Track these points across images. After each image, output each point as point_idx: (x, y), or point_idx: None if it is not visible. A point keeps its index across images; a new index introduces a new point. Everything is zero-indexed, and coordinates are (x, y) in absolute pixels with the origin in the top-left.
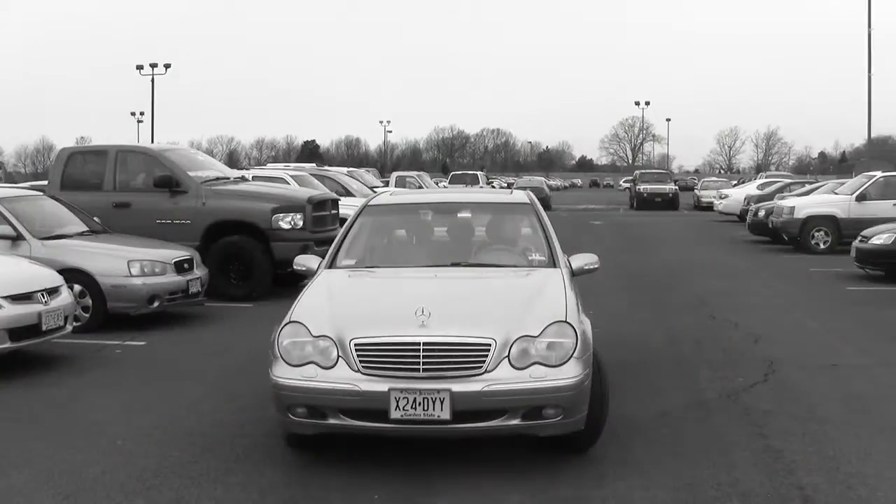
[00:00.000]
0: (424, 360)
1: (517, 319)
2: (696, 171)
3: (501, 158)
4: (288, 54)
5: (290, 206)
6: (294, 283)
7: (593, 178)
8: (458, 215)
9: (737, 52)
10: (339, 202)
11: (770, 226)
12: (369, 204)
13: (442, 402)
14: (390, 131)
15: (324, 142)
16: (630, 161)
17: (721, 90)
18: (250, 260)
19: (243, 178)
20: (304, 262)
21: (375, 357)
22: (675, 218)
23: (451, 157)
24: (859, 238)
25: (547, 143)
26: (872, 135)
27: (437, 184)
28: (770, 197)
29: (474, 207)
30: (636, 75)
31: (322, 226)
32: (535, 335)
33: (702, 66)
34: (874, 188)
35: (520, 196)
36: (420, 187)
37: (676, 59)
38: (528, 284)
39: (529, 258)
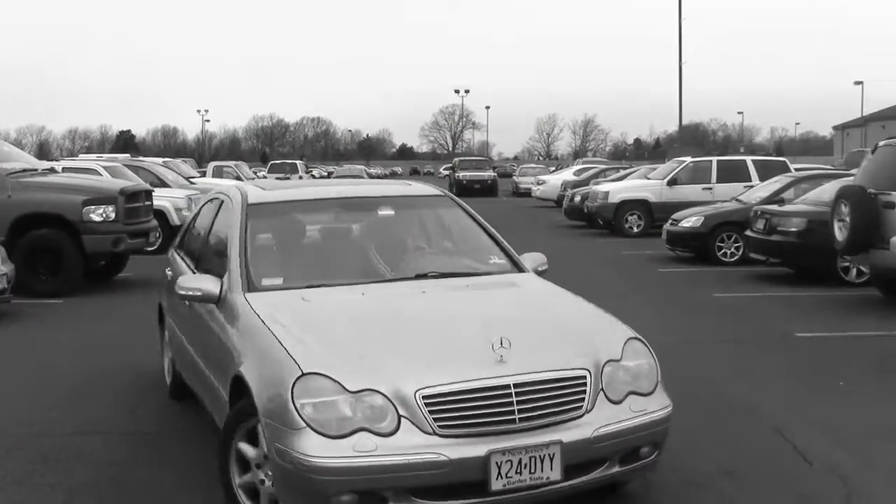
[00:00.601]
0: (518, 406)
1: (589, 340)
2: (516, 157)
3: (322, 147)
4: (104, 42)
5: (101, 198)
6: (106, 276)
7: (414, 165)
8: (379, 213)
9: (556, 40)
10: (154, 193)
11: (585, 210)
12: (251, 203)
13: (552, 459)
14: (208, 120)
15: (140, 132)
16: (450, 148)
17: (540, 78)
18: (59, 254)
19: (52, 170)
20: (193, 284)
21: (454, 411)
22: (494, 204)
23: (270, 146)
24: (670, 221)
25: (367, 131)
26: (684, 122)
27: (256, 174)
28: (586, 182)
29: (389, 203)
30: (456, 63)
31: (135, 218)
32: (618, 359)
33: (521, 54)
34: (684, 173)
35: (428, 188)
36: (238, 178)
37: (496, 47)
38: (537, 295)
39: (489, 261)
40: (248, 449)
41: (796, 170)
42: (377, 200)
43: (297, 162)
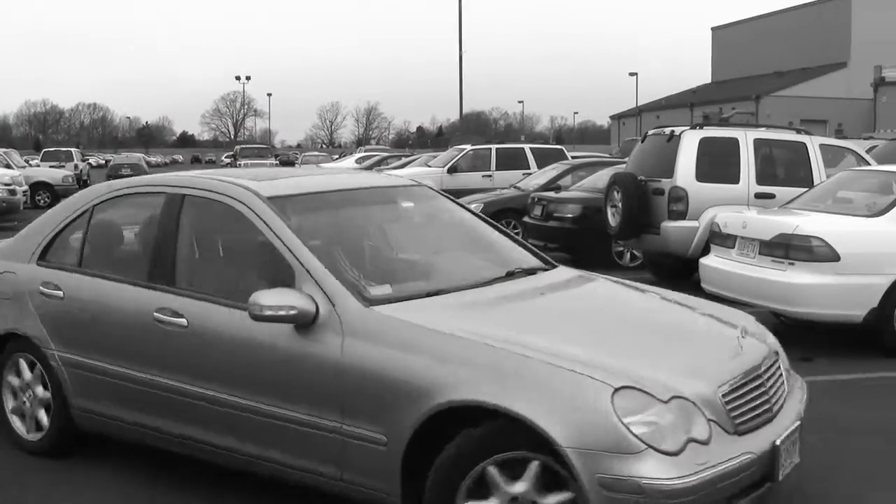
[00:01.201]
0: (771, 391)
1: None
2: (299, 145)
3: (99, 134)
4: None
5: None
6: None
7: (195, 153)
8: (402, 206)
9: (340, 28)
10: None
11: None
12: (269, 197)
13: (798, 441)
14: None
15: None
16: (232, 136)
17: (322, 65)
18: None
19: None
20: (284, 301)
21: (741, 406)
22: None
23: (44, 133)
24: None
25: (147, 118)
26: (466, 110)
27: (28, 162)
28: (369, 170)
29: (404, 194)
30: (237, 49)
31: None
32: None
33: (303, 42)
34: (464, 161)
35: (403, 178)
36: (8, 166)
37: (277, 34)
38: (634, 287)
39: (527, 256)
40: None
41: (573, 157)
42: (393, 191)
43: (73, 150)
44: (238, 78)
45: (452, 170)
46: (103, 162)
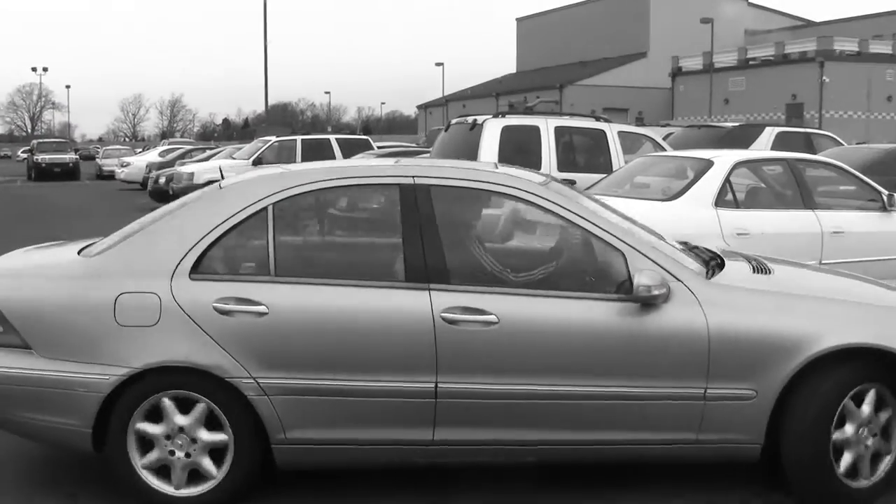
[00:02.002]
0: None
1: None
2: (101, 139)
3: None
4: None
5: None
6: None
7: None
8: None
9: (138, 18)
10: None
11: (171, 192)
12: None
13: None
14: None
15: None
16: (29, 130)
17: (123, 57)
18: None
19: None
20: (661, 280)
21: None
22: (77, 188)
23: None
24: None
25: None
26: (273, 102)
27: None
28: (171, 164)
29: None
30: (33, 40)
31: None
32: None
33: (103, 32)
34: (270, 152)
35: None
36: None
37: (76, 25)
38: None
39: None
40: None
41: (379, 147)
42: None
43: None
44: (35, 69)
45: (257, 162)
46: None
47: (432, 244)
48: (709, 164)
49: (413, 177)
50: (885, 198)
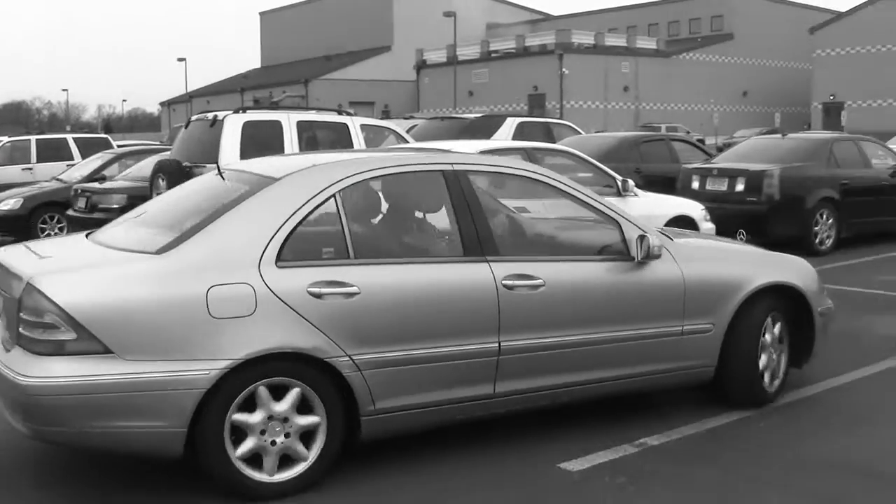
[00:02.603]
0: None
1: None
2: None
3: None
4: None
5: None
6: None
7: None
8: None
9: None
10: None
11: None
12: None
13: None
14: None
15: None
16: None
17: None
18: None
19: None
20: (659, 242)
21: None
22: None
23: None
24: None
25: None
26: (5, 100)
27: None
28: None
29: None
30: None
31: None
32: None
33: None
34: (2, 153)
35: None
36: None
37: None
38: None
39: None
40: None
41: (120, 146)
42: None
43: None
44: None
45: None
46: None
47: (478, 223)
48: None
49: (452, 164)
50: (619, 183)
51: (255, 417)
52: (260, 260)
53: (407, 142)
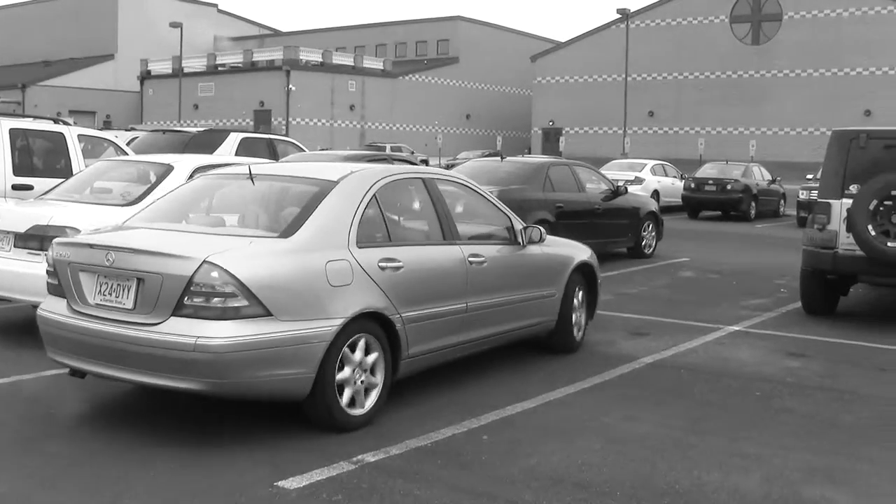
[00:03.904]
0: None
1: None
2: None
3: None
4: None
5: None
6: None
7: None
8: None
9: None
10: None
11: None
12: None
13: None
14: None
15: None
16: None
17: None
18: None
19: None
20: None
21: None
22: None
23: None
24: None
25: None
26: None
27: None
28: None
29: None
30: None
31: None
32: None
33: None
34: None
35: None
36: None
37: None
38: None
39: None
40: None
41: None
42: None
43: None
44: None
45: None
46: None
47: (445, 216)
48: (169, 168)
49: (428, 174)
50: None
51: (353, 363)
52: (348, 241)
53: (126, 153)
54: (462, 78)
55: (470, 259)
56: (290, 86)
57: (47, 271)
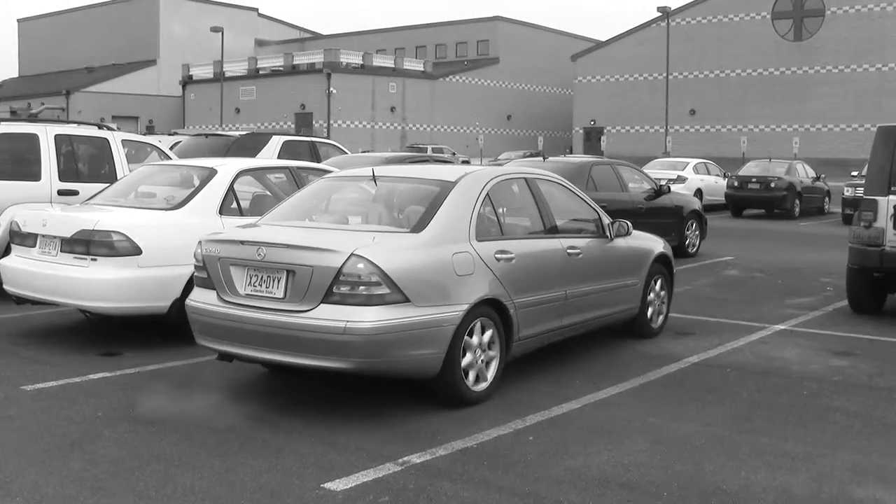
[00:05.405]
0: None
1: None
2: None
3: None
4: None
5: None
6: None
7: None
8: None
9: None
10: None
11: None
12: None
13: None
14: None
15: None
16: None
17: None
18: None
19: None
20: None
21: None
22: None
23: None
24: None
25: None
26: None
27: None
28: None
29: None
30: None
31: None
32: None
33: None
34: None
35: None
36: None
37: None
38: None
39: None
40: None
41: None
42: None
43: None
44: None
45: None
46: None
47: (546, 212)
48: (213, 172)
49: (530, 174)
50: None
51: (474, 343)
52: (468, 235)
53: (170, 158)
54: (502, 78)
55: (569, 251)
56: (331, 88)
57: (195, 266)
